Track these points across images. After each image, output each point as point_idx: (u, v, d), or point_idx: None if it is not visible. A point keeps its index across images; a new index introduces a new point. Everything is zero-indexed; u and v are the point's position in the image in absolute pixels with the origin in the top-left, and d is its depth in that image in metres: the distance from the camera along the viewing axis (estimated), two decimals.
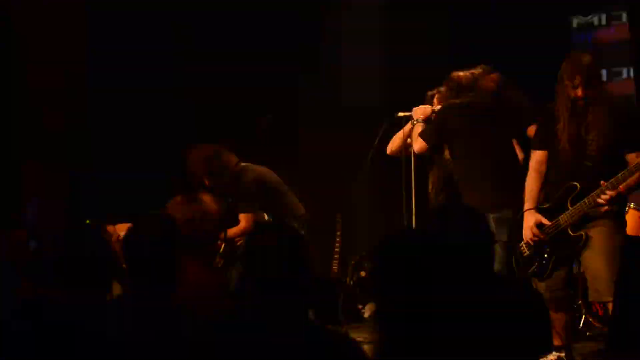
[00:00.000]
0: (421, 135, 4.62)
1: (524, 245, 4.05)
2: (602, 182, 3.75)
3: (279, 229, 2.24)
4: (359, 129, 6.00)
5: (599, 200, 3.76)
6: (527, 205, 4.02)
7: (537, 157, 4.06)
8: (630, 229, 4.76)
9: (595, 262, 3.88)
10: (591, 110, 3.83)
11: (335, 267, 6.70)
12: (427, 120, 4.70)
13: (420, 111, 4.73)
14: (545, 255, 3.97)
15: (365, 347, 5.02)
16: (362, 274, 6.69)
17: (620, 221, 3.97)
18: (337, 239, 6.74)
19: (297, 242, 2.15)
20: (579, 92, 3.82)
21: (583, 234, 3.87)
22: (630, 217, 4.91)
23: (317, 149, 7.03)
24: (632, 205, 4.98)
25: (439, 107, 4.73)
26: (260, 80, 6.75)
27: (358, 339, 5.29)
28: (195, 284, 2.94)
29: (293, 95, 7.24)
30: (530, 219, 3.98)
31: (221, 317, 2.04)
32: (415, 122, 4.68)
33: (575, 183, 3.87)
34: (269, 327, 1.95)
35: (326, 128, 7.09)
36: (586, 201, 3.81)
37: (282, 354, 1.93)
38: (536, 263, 4.01)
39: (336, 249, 6.72)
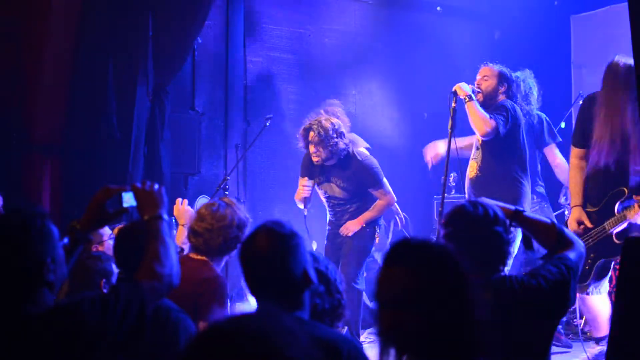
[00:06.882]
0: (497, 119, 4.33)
1: None
2: None
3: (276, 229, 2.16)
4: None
5: None
6: (574, 201, 4.00)
7: (577, 153, 4.05)
8: None
9: None
10: (630, 109, 3.79)
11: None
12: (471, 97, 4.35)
13: (466, 88, 4.36)
14: (590, 262, 3.93)
15: (366, 347, 4.96)
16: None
17: None
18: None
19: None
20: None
21: None
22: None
23: None
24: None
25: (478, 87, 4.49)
26: None
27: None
28: None
29: None
30: (576, 214, 3.97)
31: None
32: (467, 100, 4.30)
33: (623, 188, 3.86)
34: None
35: None
36: (635, 206, 3.79)
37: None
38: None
39: None
